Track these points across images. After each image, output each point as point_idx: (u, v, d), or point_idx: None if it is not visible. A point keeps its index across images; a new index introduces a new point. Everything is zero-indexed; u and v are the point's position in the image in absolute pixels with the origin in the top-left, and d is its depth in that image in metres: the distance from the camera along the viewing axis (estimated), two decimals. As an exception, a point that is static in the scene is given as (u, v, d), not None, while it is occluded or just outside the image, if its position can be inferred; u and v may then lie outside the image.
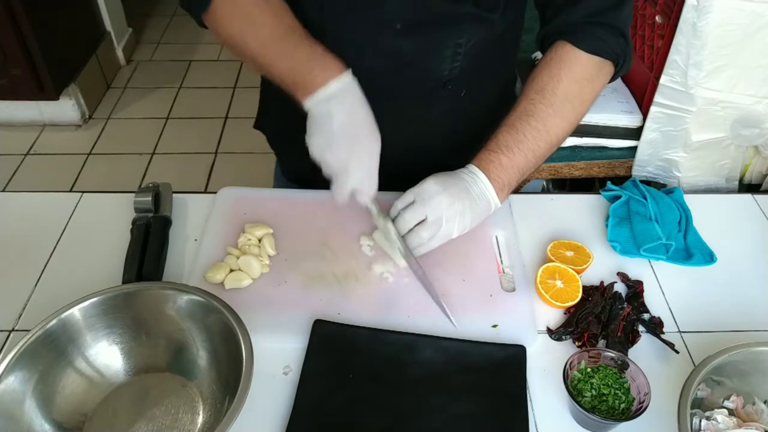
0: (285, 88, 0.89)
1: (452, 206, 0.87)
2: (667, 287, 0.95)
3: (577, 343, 0.86)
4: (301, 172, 1.18)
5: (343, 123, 0.84)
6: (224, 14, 0.89)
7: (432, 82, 0.97)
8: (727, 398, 0.77)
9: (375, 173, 0.88)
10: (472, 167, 0.91)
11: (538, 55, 1.56)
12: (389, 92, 0.98)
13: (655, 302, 0.93)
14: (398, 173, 0.95)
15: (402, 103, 1.00)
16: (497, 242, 1.00)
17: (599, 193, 1.10)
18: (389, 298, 0.90)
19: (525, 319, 0.88)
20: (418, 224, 0.88)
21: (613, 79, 0.98)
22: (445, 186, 0.87)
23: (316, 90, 0.84)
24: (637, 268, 0.98)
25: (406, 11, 0.89)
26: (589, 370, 0.79)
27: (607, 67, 0.95)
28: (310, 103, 0.85)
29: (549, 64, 0.94)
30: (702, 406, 0.76)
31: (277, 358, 0.82)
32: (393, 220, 0.90)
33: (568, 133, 0.96)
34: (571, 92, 0.93)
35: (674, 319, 0.91)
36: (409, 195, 0.89)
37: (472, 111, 1.06)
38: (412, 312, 0.88)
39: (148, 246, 0.92)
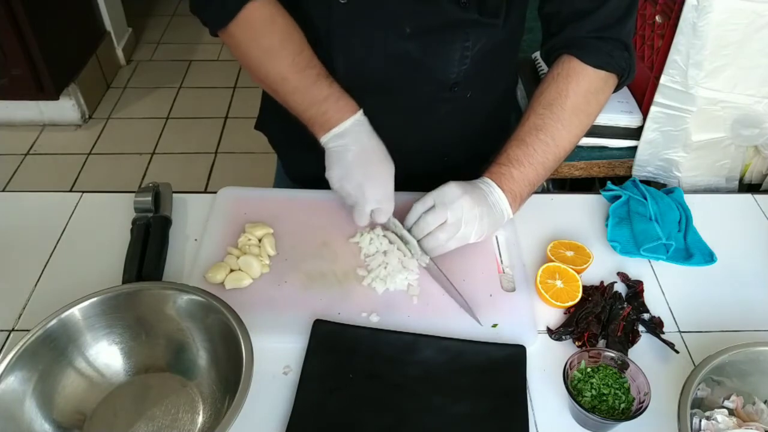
0: (300, 119, 0.93)
1: (472, 210, 0.88)
2: (667, 287, 0.95)
3: (577, 343, 0.86)
4: (303, 171, 1.18)
5: (356, 154, 0.90)
6: (244, 40, 0.92)
7: (439, 85, 0.98)
8: (727, 398, 0.77)
9: (391, 195, 0.92)
10: (485, 179, 0.93)
11: (538, 54, 1.56)
12: (397, 95, 0.99)
13: (655, 302, 0.93)
14: (407, 174, 0.96)
15: (409, 105, 1.01)
16: (497, 242, 1.00)
17: (599, 193, 1.10)
18: (389, 298, 0.90)
19: (525, 319, 0.88)
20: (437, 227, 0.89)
21: (616, 90, 1.00)
22: (465, 190, 0.89)
23: (330, 129, 0.90)
24: (637, 268, 0.98)
25: (414, 16, 0.90)
26: (589, 370, 0.79)
27: (612, 80, 0.97)
28: (325, 140, 0.91)
29: (557, 78, 0.95)
30: (702, 406, 0.76)
31: (277, 358, 0.82)
32: (414, 223, 0.91)
33: (574, 146, 0.97)
34: (579, 107, 0.95)
35: (674, 319, 0.91)
36: (430, 199, 0.90)
37: (476, 112, 1.07)
38: (412, 312, 0.88)
39: (148, 246, 0.92)
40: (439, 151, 1.09)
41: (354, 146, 0.90)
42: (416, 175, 0.98)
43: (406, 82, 0.97)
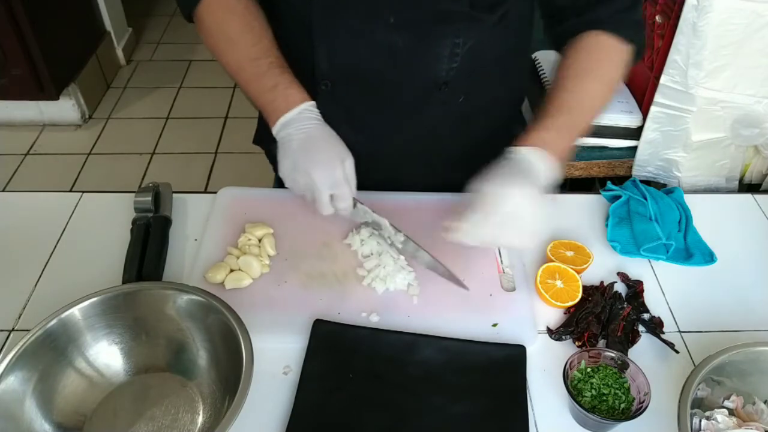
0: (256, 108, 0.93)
1: (531, 212, 0.80)
2: (667, 287, 0.95)
3: (577, 343, 0.86)
4: None
5: (301, 141, 0.87)
6: (209, 27, 0.93)
7: (427, 83, 0.96)
8: (727, 398, 0.77)
9: (342, 179, 0.87)
10: (541, 152, 0.83)
11: (538, 54, 1.56)
12: (383, 89, 0.97)
13: (655, 302, 0.92)
14: (393, 173, 0.95)
15: (396, 101, 0.99)
16: (497, 242, 0.99)
17: (599, 193, 1.10)
18: (389, 298, 0.90)
19: (525, 319, 0.88)
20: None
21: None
22: (523, 191, 0.79)
23: (277, 119, 0.89)
24: (637, 268, 0.98)
25: (398, 5, 0.88)
26: (589, 370, 0.79)
27: (630, 57, 0.94)
28: (275, 131, 0.90)
29: (590, 51, 0.92)
30: (702, 406, 0.76)
31: (277, 358, 0.82)
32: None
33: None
34: (614, 78, 0.94)
35: (674, 319, 0.91)
36: (476, 213, 0.80)
37: (471, 119, 1.03)
38: (412, 312, 0.88)
39: (148, 246, 0.92)
40: (429, 157, 1.06)
41: (298, 134, 0.88)
42: (405, 178, 0.96)
43: (391, 77, 0.95)
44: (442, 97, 0.98)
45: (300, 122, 0.88)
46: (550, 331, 0.87)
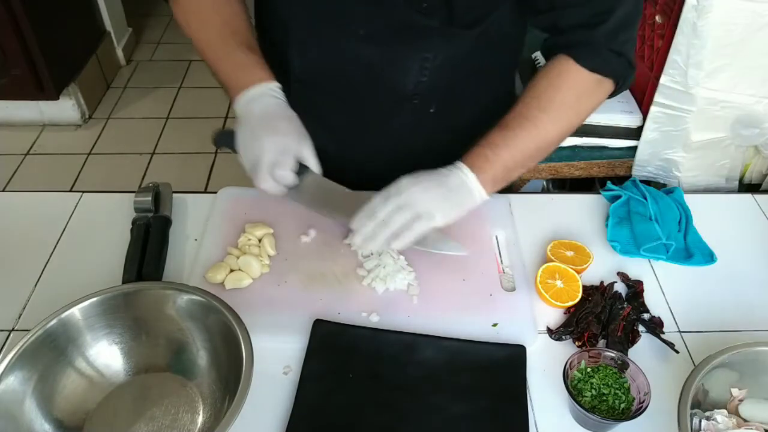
0: (224, 88, 0.92)
1: (426, 193, 0.83)
2: (667, 287, 0.95)
3: (577, 343, 0.86)
4: None
5: (259, 116, 0.86)
6: (185, 8, 0.94)
7: (396, 94, 0.95)
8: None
9: (292, 150, 0.85)
10: (455, 162, 0.88)
11: (538, 54, 1.56)
12: (352, 98, 0.97)
13: (655, 302, 0.93)
14: (363, 175, 0.94)
15: (365, 109, 0.99)
16: (497, 242, 1.00)
17: (599, 193, 1.10)
18: (389, 298, 0.90)
19: (525, 319, 0.88)
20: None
21: (611, 96, 0.95)
22: (417, 180, 0.84)
23: (239, 94, 0.88)
24: (637, 268, 0.98)
25: (369, 18, 0.88)
26: (589, 370, 0.79)
27: (606, 85, 0.92)
28: (235, 106, 0.89)
29: (549, 73, 0.91)
30: (702, 406, 0.76)
31: (277, 358, 0.82)
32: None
33: (559, 141, 0.94)
34: (568, 103, 0.91)
35: (674, 319, 0.91)
36: (383, 193, 0.85)
37: (442, 129, 1.02)
38: (412, 312, 0.88)
39: (148, 246, 0.92)
40: (397, 165, 0.99)
41: (257, 110, 0.86)
42: (371, 180, 0.95)
43: (360, 87, 0.95)
44: (411, 108, 0.97)
45: (263, 98, 0.88)
46: (550, 331, 0.87)
